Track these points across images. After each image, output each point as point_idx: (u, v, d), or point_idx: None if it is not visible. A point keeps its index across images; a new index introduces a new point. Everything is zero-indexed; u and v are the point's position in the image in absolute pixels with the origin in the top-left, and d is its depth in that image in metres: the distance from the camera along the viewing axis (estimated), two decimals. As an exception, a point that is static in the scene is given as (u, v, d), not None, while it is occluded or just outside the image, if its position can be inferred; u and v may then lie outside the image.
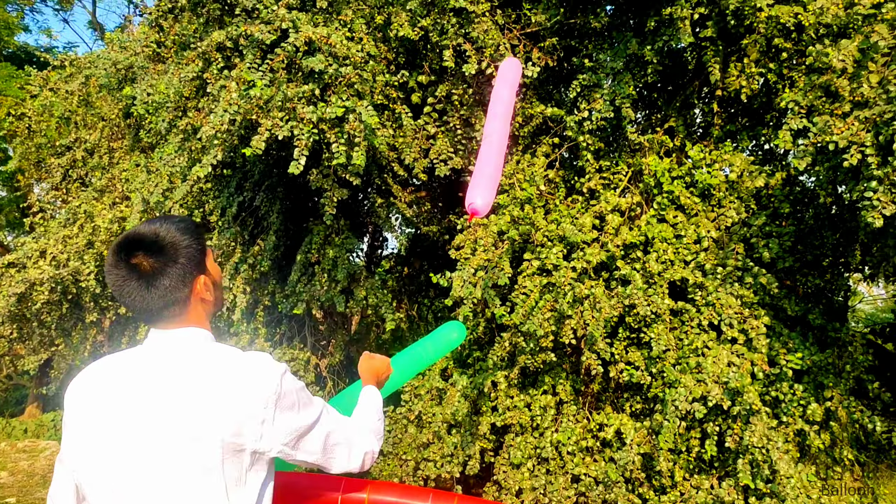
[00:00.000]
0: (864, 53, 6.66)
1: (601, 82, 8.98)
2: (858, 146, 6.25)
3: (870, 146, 6.17)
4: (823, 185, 7.24)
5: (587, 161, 9.21)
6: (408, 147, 9.40)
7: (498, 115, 5.95)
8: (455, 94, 9.49)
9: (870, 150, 6.16)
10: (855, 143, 6.28)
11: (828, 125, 6.48)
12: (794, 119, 6.82)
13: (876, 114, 6.24)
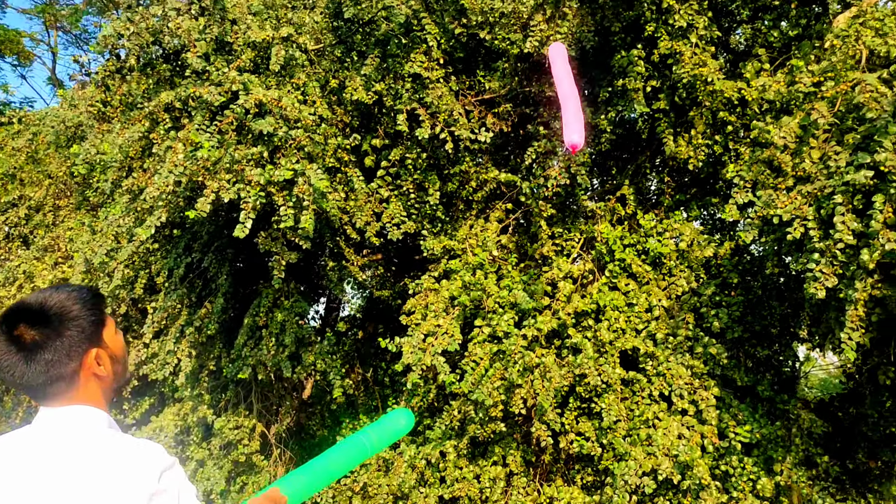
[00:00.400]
0: (805, 130, 6.80)
1: (556, 149, 9.06)
2: (801, 220, 6.31)
3: (812, 220, 6.24)
4: (770, 257, 7.29)
5: (540, 227, 9.21)
6: (359, 211, 9.31)
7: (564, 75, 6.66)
8: (409, 158, 9.48)
9: (812, 224, 6.22)
10: (798, 216, 6.35)
11: (772, 199, 6.55)
12: (739, 192, 6.90)
13: (817, 188, 6.33)
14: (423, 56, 8.89)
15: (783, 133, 6.58)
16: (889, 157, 5.76)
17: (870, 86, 6.24)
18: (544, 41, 8.58)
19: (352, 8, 8.81)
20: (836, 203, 5.98)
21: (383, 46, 9.30)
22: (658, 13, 8.31)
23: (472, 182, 9.99)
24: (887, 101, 6.12)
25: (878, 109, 6.09)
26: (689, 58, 7.92)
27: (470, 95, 9.43)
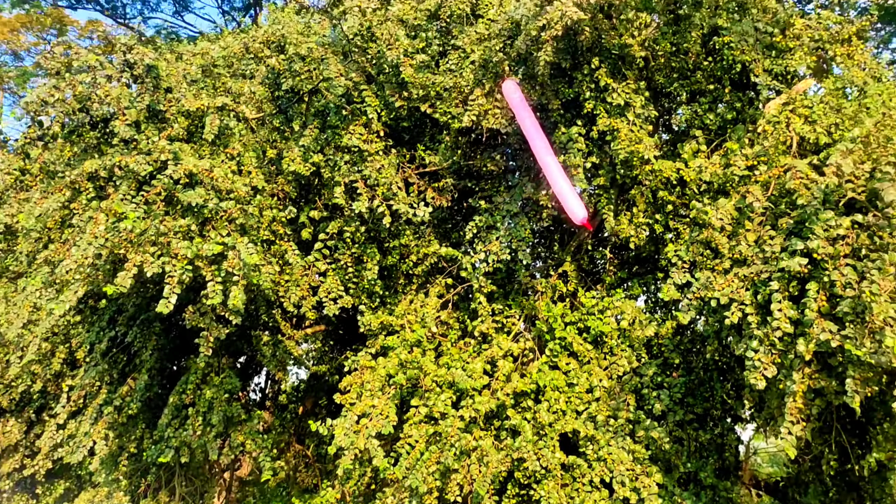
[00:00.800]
0: (741, 212, 6.78)
1: (497, 224, 8.93)
2: (739, 304, 6.22)
3: (749, 304, 6.15)
4: (710, 339, 7.18)
5: (480, 304, 8.99)
6: (294, 285, 8.99)
7: (536, 138, 7.61)
8: (347, 231, 9.25)
9: (750, 309, 6.12)
10: (735, 300, 6.26)
11: (709, 281, 6.46)
12: (678, 273, 6.81)
13: (754, 272, 6.26)
14: (363, 128, 8.77)
15: (720, 214, 6.54)
16: (821, 244, 5.73)
17: (800, 172, 6.27)
18: (483, 115, 8.54)
19: (290, 80, 8.68)
20: (773, 289, 5.91)
21: (323, 117, 9.17)
22: (597, 91, 8.36)
23: (412, 256, 9.79)
24: (817, 187, 6.14)
25: (808, 196, 6.10)
26: (626, 134, 7.93)
27: (411, 168, 9.30)
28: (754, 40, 8.36)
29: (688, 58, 8.82)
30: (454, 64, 8.88)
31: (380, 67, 9.01)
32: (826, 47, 8.04)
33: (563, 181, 7.63)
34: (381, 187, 8.72)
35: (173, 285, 7.24)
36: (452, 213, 10.53)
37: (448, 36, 9.33)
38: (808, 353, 5.49)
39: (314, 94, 9.31)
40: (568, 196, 7.55)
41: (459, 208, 10.36)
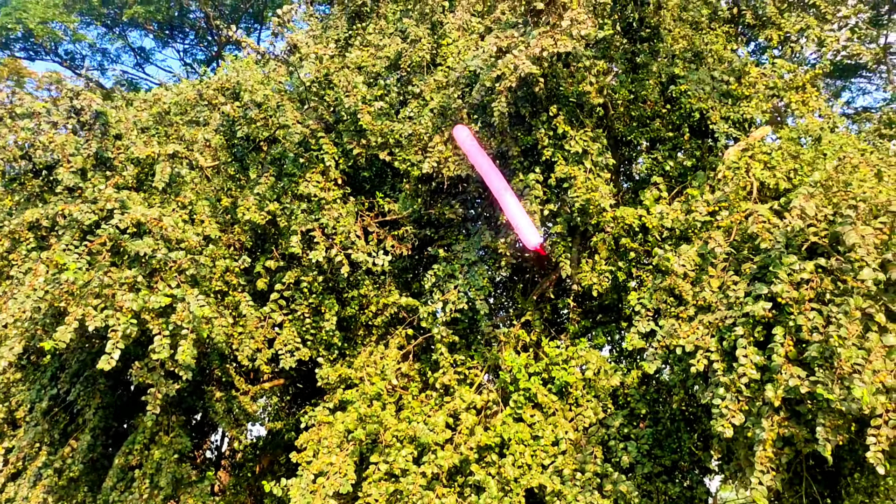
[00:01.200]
0: (704, 258, 6.69)
1: (456, 273, 8.75)
2: (704, 351, 6.07)
3: (715, 351, 6.00)
4: (676, 389, 7.00)
5: (441, 354, 8.74)
6: (249, 337, 8.66)
7: (490, 174, 7.53)
8: (304, 281, 8.97)
9: (715, 356, 5.98)
10: (701, 347, 6.11)
11: (674, 329, 6.32)
12: (641, 321, 6.66)
13: (718, 319, 6.13)
14: (320, 176, 8.58)
15: (683, 261, 6.44)
16: (785, 288, 5.63)
17: (762, 216, 6.21)
18: (442, 163, 8.43)
19: (245, 127, 8.49)
20: (738, 335, 5.77)
21: (279, 165, 8.97)
22: (555, 138, 8.31)
23: (371, 306, 9.53)
24: (780, 231, 6.08)
25: (770, 240, 6.03)
26: (583, 182, 7.85)
27: (370, 217, 9.11)
28: (710, 88, 8.43)
29: (646, 106, 8.86)
30: (413, 111, 8.80)
31: (338, 115, 8.89)
32: (781, 94, 8.13)
33: (517, 208, 7.51)
34: (339, 236, 8.50)
35: (117, 340, 6.89)
36: (413, 262, 10.34)
37: (407, 84, 9.27)
38: (777, 399, 5.34)
39: (270, 142, 9.14)
40: (521, 222, 7.41)
41: (420, 257, 10.17)
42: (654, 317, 6.90)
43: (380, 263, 8.45)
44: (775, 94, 8.25)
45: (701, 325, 6.27)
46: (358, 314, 9.56)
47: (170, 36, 25.60)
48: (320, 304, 9.17)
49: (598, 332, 9.13)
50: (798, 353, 5.51)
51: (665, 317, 6.58)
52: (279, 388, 10.65)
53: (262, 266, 9.13)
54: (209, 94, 8.38)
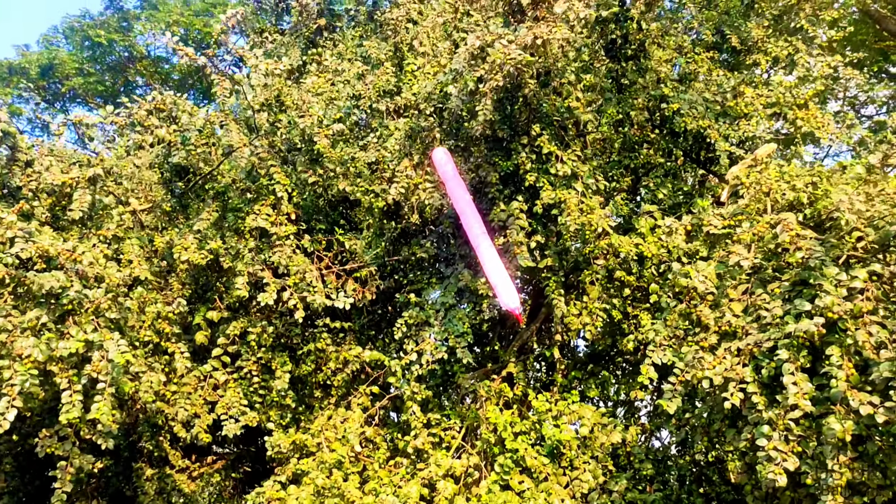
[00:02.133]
0: (721, 278, 5.71)
1: (430, 320, 7.62)
2: (738, 383, 5.01)
3: (752, 382, 4.94)
4: (696, 434, 5.86)
5: (413, 414, 7.50)
6: (184, 398, 7.33)
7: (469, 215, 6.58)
8: (252, 334, 7.73)
9: (753, 388, 4.91)
10: (732, 379, 5.05)
11: (697, 359, 5.26)
12: (657, 351, 5.58)
13: (751, 344, 5.10)
14: (270, 209, 7.47)
15: (703, 275, 5.44)
16: (835, 300, 4.65)
17: (791, 225, 5.29)
18: (411, 190, 7.44)
19: (183, 154, 7.39)
20: (782, 360, 4.73)
21: (223, 199, 7.86)
22: (539, 161, 7.40)
23: (330, 363, 8.27)
24: (809, 241, 5.17)
25: (807, 250, 5.09)
26: (575, 205, 6.91)
27: (328, 256, 7.98)
28: (705, 108, 7.69)
29: (634, 130, 8.06)
30: (377, 136, 7.84)
31: (290, 142, 7.86)
32: (785, 111, 7.41)
33: (496, 265, 6.48)
34: (292, 277, 7.35)
35: (13, 397, 5.55)
36: (378, 311, 9.16)
37: (370, 109, 8.33)
38: (847, 433, 4.27)
39: (212, 175, 8.04)
40: (499, 282, 6.40)
41: (385, 305, 9.00)
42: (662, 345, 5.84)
43: (341, 305, 7.29)
44: (777, 113, 7.52)
45: (729, 353, 5.23)
46: (315, 373, 8.30)
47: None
48: (270, 360, 7.92)
49: (590, 384, 8.01)
50: (860, 376, 4.50)
51: (683, 346, 5.52)
52: (221, 463, 9.18)
53: (202, 317, 7.88)
54: (139, 116, 7.31)
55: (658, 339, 5.60)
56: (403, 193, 7.39)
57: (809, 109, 7.41)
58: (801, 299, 4.93)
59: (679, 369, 5.41)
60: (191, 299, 8.31)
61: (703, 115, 7.51)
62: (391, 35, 8.52)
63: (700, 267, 5.60)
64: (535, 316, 8.87)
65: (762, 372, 4.90)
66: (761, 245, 5.73)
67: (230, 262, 7.52)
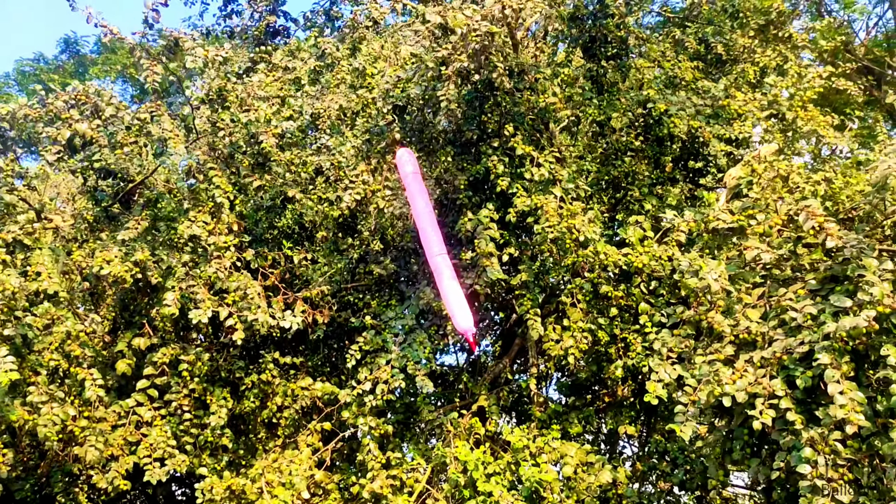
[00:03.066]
0: (732, 280, 4.89)
1: (388, 345, 6.65)
2: (766, 399, 4.14)
3: (784, 397, 4.07)
4: (712, 460, 4.91)
5: (370, 454, 6.46)
6: (98, 437, 6.19)
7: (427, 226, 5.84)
8: (184, 363, 6.66)
9: (786, 403, 4.05)
10: (758, 395, 4.18)
11: (714, 373, 4.39)
12: (663, 365, 4.70)
13: (779, 351, 4.25)
14: (208, 217, 6.51)
15: (715, 273, 4.61)
16: (885, 292, 3.85)
17: (814, 210, 4.52)
18: (369, 197, 6.56)
19: (105, 150, 6.42)
20: (823, 366, 3.88)
21: (154, 207, 6.87)
22: (511, 166, 6.61)
23: (276, 397, 7.20)
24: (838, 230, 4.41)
25: (839, 239, 4.31)
26: (555, 210, 6.09)
27: (274, 273, 6.99)
28: (694, 111, 7.03)
29: (616, 136, 7.35)
30: (331, 138, 6.98)
31: (234, 145, 6.94)
32: (784, 112, 6.77)
33: (451, 282, 5.77)
34: (231, 294, 6.35)
35: None
36: (333, 344, 8.14)
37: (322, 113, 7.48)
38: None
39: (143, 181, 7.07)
40: (454, 300, 5.68)
41: (342, 338, 7.98)
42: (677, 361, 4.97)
43: (288, 325, 6.29)
44: (774, 114, 6.88)
45: (750, 364, 4.37)
46: (259, 409, 7.22)
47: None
48: (205, 393, 6.84)
49: (572, 419, 7.06)
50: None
51: (693, 358, 4.66)
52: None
53: (126, 343, 6.79)
54: (56, 107, 6.32)
55: (664, 350, 4.72)
56: (359, 201, 6.50)
57: (809, 110, 6.78)
58: (838, 295, 4.13)
59: (690, 386, 4.53)
60: (116, 324, 7.23)
61: (693, 116, 6.84)
62: (349, 32, 7.73)
63: (711, 266, 4.77)
64: (509, 344, 7.97)
65: (797, 383, 4.04)
66: (779, 241, 4.95)
67: (159, 276, 6.49)
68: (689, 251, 6.44)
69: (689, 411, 4.48)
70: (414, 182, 6.11)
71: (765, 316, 4.65)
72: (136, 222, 6.67)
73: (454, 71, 5.66)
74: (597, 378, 7.16)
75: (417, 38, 6.42)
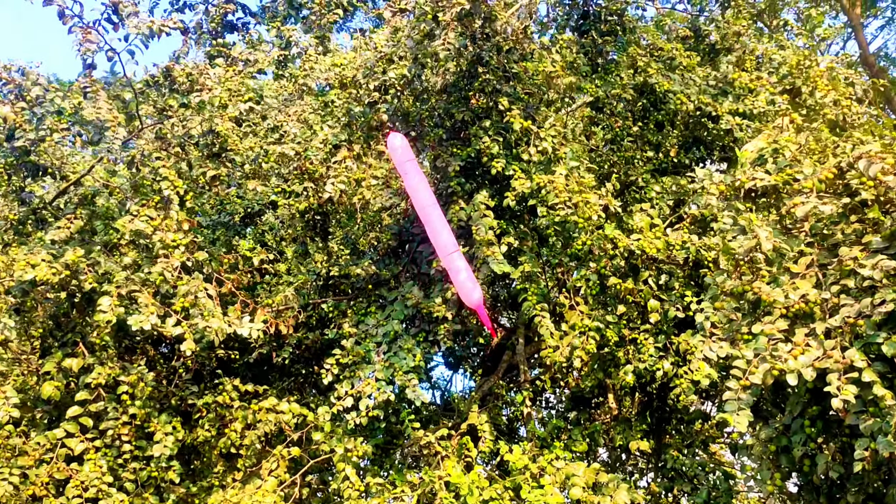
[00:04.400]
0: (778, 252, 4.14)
1: (370, 355, 5.78)
2: (841, 373, 3.35)
3: (867, 368, 3.29)
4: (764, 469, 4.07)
5: (346, 481, 5.51)
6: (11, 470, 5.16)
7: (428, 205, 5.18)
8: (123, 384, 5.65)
9: (869, 375, 3.26)
10: (831, 369, 3.39)
11: (773, 349, 3.61)
12: (707, 342, 3.89)
13: (852, 316, 3.49)
14: (154, 211, 5.61)
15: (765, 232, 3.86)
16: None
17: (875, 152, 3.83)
18: (352, 186, 5.75)
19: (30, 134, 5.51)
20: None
21: (90, 204, 5.96)
22: (507, 146, 5.88)
23: (235, 423, 6.19)
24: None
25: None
26: (563, 188, 5.35)
27: (232, 278, 6.07)
28: (699, 90, 6.42)
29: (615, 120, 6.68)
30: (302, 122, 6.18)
31: (187, 133, 6.08)
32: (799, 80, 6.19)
33: (458, 254, 5.16)
34: (180, 299, 5.42)
35: None
36: (302, 369, 7.20)
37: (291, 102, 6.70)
38: None
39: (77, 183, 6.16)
40: (461, 274, 5.11)
41: (309, 352, 7.04)
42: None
43: (246, 331, 5.37)
44: (788, 89, 6.29)
45: (812, 338, 3.60)
46: (217, 436, 6.22)
47: None
48: (149, 420, 5.83)
49: (576, 435, 6.19)
50: None
51: (740, 335, 3.87)
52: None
53: (54, 364, 5.77)
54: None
55: (706, 325, 3.93)
56: (341, 190, 5.69)
57: (830, 81, 6.20)
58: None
59: (739, 368, 3.72)
60: (45, 342, 6.22)
61: (702, 92, 6.22)
62: (316, 19, 7.01)
63: (757, 223, 4.02)
64: (497, 359, 7.12)
65: (883, 350, 3.27)
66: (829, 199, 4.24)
67: (93, 280, 5.54)
68: (704, 237, 5.76)
69: (742, 398, 3.67)
70: (413, 171, 5.36)
71: (818, 285, 3.91)
72: (68, 221, 5.75)
73: (453, 17, 4.96)
74: (601, 387, 6.32)
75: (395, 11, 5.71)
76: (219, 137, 5.88)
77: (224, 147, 6.00)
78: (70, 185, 6.12)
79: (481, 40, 6.05)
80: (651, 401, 6.34)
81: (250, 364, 6.92)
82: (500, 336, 7.43)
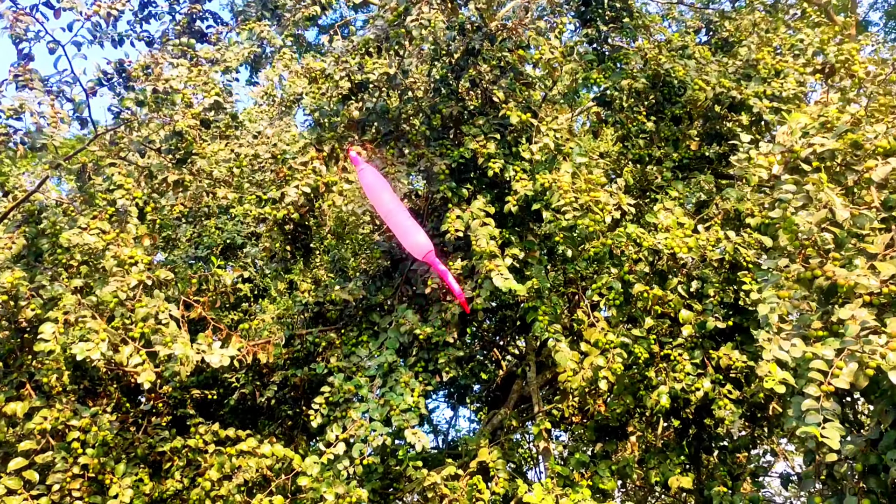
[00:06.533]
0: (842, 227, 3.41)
1: (362, 391, 5.00)
2: None
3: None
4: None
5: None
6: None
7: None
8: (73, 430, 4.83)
9: None
10: None
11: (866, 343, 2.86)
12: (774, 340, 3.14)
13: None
14: (107, 224, 4.84)
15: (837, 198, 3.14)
16: None
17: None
18: (321, 190, 5.02)
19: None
20: None
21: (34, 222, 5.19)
22: (504, 145, 5.17)
23: (210, 472, 5.33)
24: None
25: None
26: (569, 185, 4.64)
27: (201, 301, 5.27)
28: (719, 75, 5.78)
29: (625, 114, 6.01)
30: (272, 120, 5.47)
31: (147, 137, 5.36)
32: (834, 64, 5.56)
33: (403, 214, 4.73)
34: (139, 324, 4.62)
35: None
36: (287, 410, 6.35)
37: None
38: None
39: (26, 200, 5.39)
40: (408, 229, 4.73)
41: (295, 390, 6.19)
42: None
43: (216, 360, 4.56)
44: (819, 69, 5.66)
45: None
46: (189, 487, 5.36)
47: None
48: (102, 471, 4.98)
49: (603, 470, 5.35)
50: None
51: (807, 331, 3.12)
52: None
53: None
54: None
55: (773, 318, 3.18)
56: (306, 193, 4.95)
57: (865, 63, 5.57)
58: None
59: (818, 371, 2.96)
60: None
61: (722, 76, 5.57)
62: (290, 15, 6.35)
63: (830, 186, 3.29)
64: (507, 389, 6.31)
65: None
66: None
67: (37, 308, 4.74)
68: (740, 234, 5.05)
69: (824, 406, 2.90)
70: (371, 175, 4.69)
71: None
72: (9, 241, 4.97)
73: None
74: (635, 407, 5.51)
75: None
76: (183, 141, 5.14)
77: (189, 151, 5.26)
78: (16, 206, 5.35)
79: (471, 32, 5.43)
80: (687, 427, 5.53)
81: (233, 408, 6.11)
82: (508, 368, 6.68)
